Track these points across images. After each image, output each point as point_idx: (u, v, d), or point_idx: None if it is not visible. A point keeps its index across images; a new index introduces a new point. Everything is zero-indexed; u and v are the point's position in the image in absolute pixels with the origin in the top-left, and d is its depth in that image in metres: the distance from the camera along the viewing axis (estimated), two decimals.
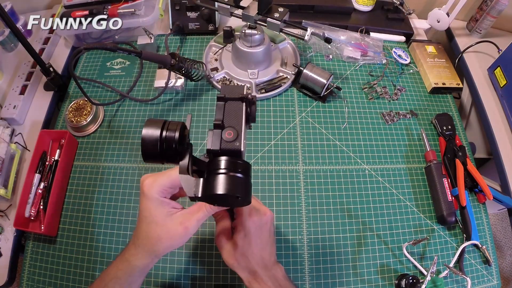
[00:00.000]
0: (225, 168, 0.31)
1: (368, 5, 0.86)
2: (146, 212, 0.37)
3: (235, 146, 0.31)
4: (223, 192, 0.30)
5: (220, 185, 0.30)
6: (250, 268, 0.40)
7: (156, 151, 0.32)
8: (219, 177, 0.30)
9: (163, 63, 0.63)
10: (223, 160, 0.31)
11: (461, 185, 0.62)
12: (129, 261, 0.38)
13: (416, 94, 0.77)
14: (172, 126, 0.32)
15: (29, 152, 0.69)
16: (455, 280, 0.58)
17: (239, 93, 0.34)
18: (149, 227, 0.37)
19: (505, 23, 0.87)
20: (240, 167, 0.31)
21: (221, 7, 0.67)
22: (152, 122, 0.32)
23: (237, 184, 0.31)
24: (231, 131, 0.32)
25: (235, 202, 0.32)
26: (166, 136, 0.32)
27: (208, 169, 0.32)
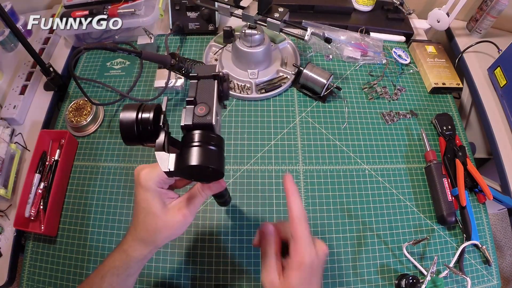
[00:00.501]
0: (198, 141, 0.31)
1: (368, 5, 0.86)
2: (144, 203, 0.37)
3: (206, 120, 0.32)
4: (195, 163, 0.30)
5: (193, 157, 0.31)
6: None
7: (133, 133, 0.33)
8: (192, 150, 0.31)
9: (163, 63, 0.63)
10: (196, 134, 0.32)
11: (461, 185, 0.62)
12: (127, 252, 0.38)
13: (416, 94, 0.77)
14: (147, 108, 0.34)
15: (29, 152, 0.69)
16: (455, 280, 0.58)
17: (211, 71, 0.35)
18: (147, 218, 0.37)
19: (505, 23, 0.87)
20: (212, 140, 0.32)
21: (221, 7, 0.67)
22: (129, 106, 0.34)
23: (210, 155, 0.31)
24: (203, 106, 0.33)
25: (208, 174, 0.33)
26: (141, 118, 0.33)
27: (182, 144, 0.33)
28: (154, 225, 0.36)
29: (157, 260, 0.58)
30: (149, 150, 0.68)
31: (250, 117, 0.71)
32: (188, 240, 0.59)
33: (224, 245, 0.59)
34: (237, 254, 0.58)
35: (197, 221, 0.61)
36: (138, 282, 0.56)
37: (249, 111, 0.72)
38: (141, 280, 0.56)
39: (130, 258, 0.38)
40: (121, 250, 0.38)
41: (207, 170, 0.32)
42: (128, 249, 0.38)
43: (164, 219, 0.36)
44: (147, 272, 0.57)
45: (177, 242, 0.59)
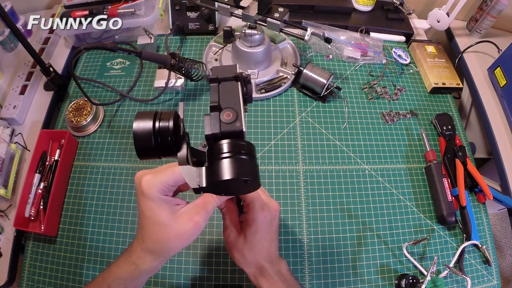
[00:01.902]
0: (229, 151, 0.28)
1: (368, 5, 0.86)
2: (149, 213, 0.34)
3: (236, 127, 0.29)
4: (230, 177, 0.27)
5: (226, 170, 0.27)
6: (257, 264, 0.39)
7: (150, 145, 0.29)
8: (223, 162, 0.28)
9: (163, 63, 0.63)
10: (225, 144, 0.28)
11: (461, 185, 0.62)
12: (136, 264, 0.35)
13: (416, 94, 0.77)
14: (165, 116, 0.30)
15: (29, 152, 0.69)
16: (455, 280, 0.58)
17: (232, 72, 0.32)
18: (154, 228, 0.34)
19: (505, 23, 0.87)
20: (244, 149, 0.29)
21: (221, 7, 0.67)
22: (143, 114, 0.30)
23: (244, 166, 0.28)
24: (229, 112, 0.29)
25: (243, 187, 0.30)
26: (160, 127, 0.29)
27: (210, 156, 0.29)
28: (163, 235, 0.34)
29: None
30: None
31: (250, 117, 0.71)
32: None
33: (224, 245, 0.59)
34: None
35: None
36: None
37: (249, 111, 0.72)
38: None
39: (139, 270, 0.35)
40: (130, 261, 0.36)
41: (243, 183, 0.28)
42: (137, 261, 0.35)
43: (173, 228, 0.33)
44: None
45: None
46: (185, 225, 0.34)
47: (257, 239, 0.39)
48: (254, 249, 0.39)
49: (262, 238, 0.39)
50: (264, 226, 0.39)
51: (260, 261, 0.39)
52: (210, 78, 0.32)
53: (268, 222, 0.39)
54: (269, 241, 0.40)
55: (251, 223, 0.38)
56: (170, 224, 0.33)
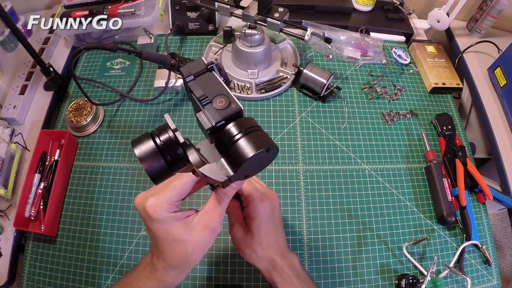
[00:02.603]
0: (239, 132, 0.28)
1: (368, 5, 0.86)
2: (163, 234, 0.33)
3: (234, 109, 0.29)
4: (254, 152, 0.27)
5: (247, 148, 0.27)
6: (268, 257, 0.39)
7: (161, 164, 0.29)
8: (239, 143, 0.28)
9: (163, 63, 0.63)
10: (232, 127, 0.29)
11: (461, 185, 0.62)
12: (163, 280, 0.34)
13: (416, 94, 0.77)
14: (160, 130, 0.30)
15: (29, 152, 0.69)
16: (455, 280, 0.58)
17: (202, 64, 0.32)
18: (173, 246, 0.33)
19: (505, 23, 0.87)
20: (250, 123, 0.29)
21: (221, 7, 0.67)
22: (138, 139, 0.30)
23: (259, 138, 0.28)
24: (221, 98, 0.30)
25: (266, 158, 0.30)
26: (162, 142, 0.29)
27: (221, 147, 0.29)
28: (184, 250, 0.33)
29: None
30: None
31: None
32: None
33: (224, 245, 0.59)
34: (237, 254, 0.58)
35: None
36: None
37: (249, 111, 0.72)
38: None
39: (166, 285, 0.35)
40: (153, 278, 0.35)
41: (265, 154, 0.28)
42: (163, 277, 0.34)
43: (192, 241, 0.33)
44: None
45: None
46: (202, 234, 0.33)
47: (263, 232, 0.38)
48: (263, 242, 0.38)
49: (268, 229, 0.39)
50: (266, 217, 0.38)
51: (271, 254, 0.39)
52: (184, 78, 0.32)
53: (270, 212, 0.39)
54: (274, 232, 0.40)
55: (254, 216, 0.38)
56: (187, 239, 0.33)
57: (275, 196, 0.40)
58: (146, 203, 0.32)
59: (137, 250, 0.59)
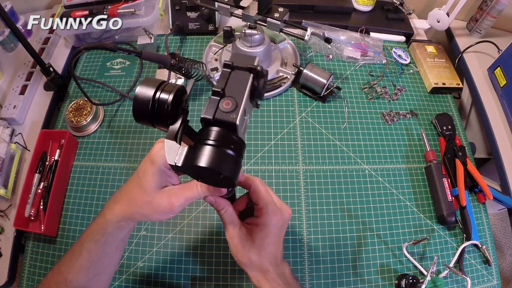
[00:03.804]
0: (215, 139, 0.27)
1: (368, 5, 0.86)
2: (141, 173, 0.35)
3: (230, 118, 0.28)
4: (205, 165, 0.26)
5: (204, 157, 0.27)
6: (261, 267, 0.39)
7: (147, 111, 0.30)
8: (205, 148, 0.27)
9: (163, 63, 0.63)
10: (214, 131, 0.28)
11: (461, 185, 0.62)
12: (105, 215, 0.37)
13: (416, 94, 0.77)
14: (168, 87, 0.30)
15: (29, 152, 0.69)
16: (455, 280, 0.58)
17: (248, 63, 0.31)
18: (135, 188, 0.35)
19: (505, 23, 0.87)
20: (232, 143, 0.28)
21: (221, 7, 0.67)
22: (149, 81, 0.30)
23: (225, 160, 0.27)
24: (229, 101, 0.28)
25: (218, 180, 0.29)
26: (159, 97, 0.30)
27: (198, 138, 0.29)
28: (138, 198, 0.35)
29: (157, 260, 0.58)
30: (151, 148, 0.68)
31: (250, 117, 0.71)
32: (188, 240, 0.59)
33: (224, 245, 0.59)
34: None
35: (197, 221, 0.61)
36: (138, 282, 0.56)
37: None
38: (141, 280, 0.56)
39: (107, 221, 0.37)
40: (102, 212, 0.38)
41: (218, 176, 0.28)
42: (106, 211, 0.37)
43: (149, 198, 0.34)
44: (147, 272, 0.57)
45: (177, 242, 0.59)
46: (161, 201, 0.34)
47: (265, 244, 0.38)
48: (262, 253, 0.38)
49: (271, 242, 0.39)
50: (275, 230, 0.38)
51: (265, 265, 0.39)
52: (224, 62, 0.31)
53: (280, 227, 0.39)
54: (276, 245, 0.40)
55: (263, 228, 0.38)
56: (149, 193, 0.34)
57: (290, 212, 0.40)
58: (158, 143, 0.34)
59: (137, 250, 0.59)
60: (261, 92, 0.32)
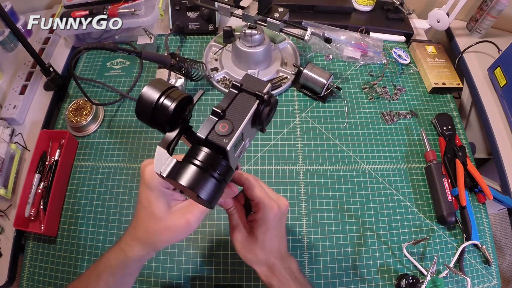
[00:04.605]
0: (202, 161, 0.27)
1: (368, 5, 0.86)
2: (146, 202, 0.34)
3: (222, 143, 0.27)
4: (185, 184, 0.27)
5: (186, 176, 0.27)
6: (268, 262, 0.39)
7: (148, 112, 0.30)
8: (190, 167, 0.27)
9: (163, 63, 0.63)
10: (203, 152, 0.28)
11: (461, 185, 0.61)
12: (125, 251, 0.36)
13: (416, 94, 0.77)
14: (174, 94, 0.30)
15: (29, 152, 0.69)
16: (455, 280, 0.58)
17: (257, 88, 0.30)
18: (147, 218, 0.34)
19: (505, 23, 0.87)
20: (218, 168, 0.28)
21: (221, 7, 0.67)
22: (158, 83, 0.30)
23: (206, 184, 0.27)
24: (226, 124, 0.28)
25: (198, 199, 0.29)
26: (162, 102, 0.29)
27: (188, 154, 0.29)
28: (154, 227, 0.34)
29: (157, 260, 0.58)
30: (150, 150, 0.68)
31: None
32: (188, 240, 0.59)
33: (224, 245, 0.59)
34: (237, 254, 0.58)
35: None
36: (138, 282, 0.56)
37: None
38: (141, 280, 0.56)
39: (127, 258, 0.36)
40: (119, 248, 0.37)
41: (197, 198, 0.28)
42: (126, 248, 0.36)
43: (165, 222, 0.34)
44: (147, 272, 0.57)
45: (177, 243, 0.59)
46: (177, 221, 0.34)
47: (268, 238, 0.38)
48: (266, 247, 0.39)
49: (273, 236, 0.39)
50: (274, 224, 0.38)
51: (271, 259, 0.39)
52: (233, 83, 0.31)
53: (278, 220, 0.39)
54: (279, 238, 0.40)
55: (262, 222, 0.38)
56: (163, 218, 0.34)
57: (286, 203, 0.40)
58: (147, 167, 0.33)
59: None
60: (263, 121, 0.31)
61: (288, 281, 0.39)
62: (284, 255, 0.41)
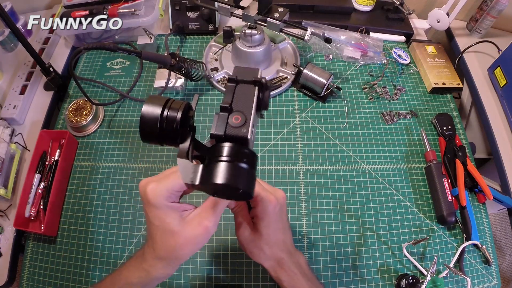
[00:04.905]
0: (228, 155, 0.28)
1: (368, 5, 0.86)
2: (157, 222, 0.33)
3: (241, 133, 0.28)
4: (223, 181, 0.27)
5: (221, 174, 0.27)
6: (276, 256, 0.39)
7: (155, 130, 0.29)
8: (220, 165, 0.27)
9: (163, 63, 0.63)
10: (226, 147, 0.28)
11: (461, 185, 0.62)
12: (149, 271, 0.35)
13: (416, 94, 0.77)
14: (176, 105, 0.30)
15: (29, 152, 0.69)
16: (455, 280, 0.58)
17: (252, 76, 0.31)
18: (164, 237, 0.33)
19: (505, 23, 0.87)
20: (245, 157, 0.28)
21: (221, 7, 0.67)
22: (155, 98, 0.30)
23: (240, 175, 0.27)
24: (238, 116, 0.29)
25: (235, 195, 0.29)
26: (167, 115, 0.29)
27: (210, 155, 0.29)
28: (174, 243, 0.33)
29: None
30: (150, 150, 0.68)
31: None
32: None
33: (224, 245, 0.59)
34: (237, 254, 0.58)
35: None
36: None
37: None
38: None
39: (151, 277, 0.35)
40: (141, 268, 0.35)
41: (235, 192, 0.28)
42: (150, 268, 0.35)
43: (184, 235, 0.33)
44: None
45: None
46: (195, 230, 0.33)
47: (271, 231, 0.38)
48: (271, 241, 0.39)
49: (276, 229, 0.39)
50: (275, 216, 0.38)
51: (278, 253, 0.39)
52: (229, 77, 0.31)
53: (278, 211, 0.39)
54: (282, 231, 0.40)
55: (263, 216, 0.38)
56: (179, 231, 0.33)
57: (283, 194, 0.40)
58: (147, 187, 0.32)
59: (137, 250, 0.58)
60: (266, 103, 0.32)
61: (297, 275, 0.39)
62: (291, 249, 0.41)
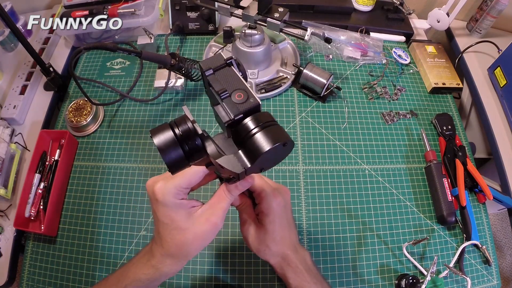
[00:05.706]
0: (256, 126, 0.29)
1: (368, 5, 0.86)
2: (166, 219, 0.34)
3: (252, 103, 0.30)
4: (270, 146, 0.28)
5: (264, 142, 0.28)
6: (281, 253, 0.39)
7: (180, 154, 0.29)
8: (256, 137, 0.28)
9: (163, 63, 0.63)
10: (249, 121, 0.29)
11: (461, 185, 0.62)
12: (158, 268, 0.35)
13: (416, 94, 0.77)
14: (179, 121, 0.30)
15: (29, 152, 0.69)
16: (455, 280, 0.58)
17: (221, 59, 0.33)
18: (173, 234, 0.34)
19: (505, 23, 0.87)
20: (267, 118, 0.30)
21: (221, 7, 0.67)
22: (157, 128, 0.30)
23: (276, 132, 0.29)
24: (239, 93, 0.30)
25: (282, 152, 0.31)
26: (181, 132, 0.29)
27: (239, 140, 0.30)
28: (183, 239, 0.34)
29: None
30: (150, 150, 0.68)
31: None
32: None
33: (224, 245, 0.59)
34: (237, 254, 0.58)
35: None
36: None
37: None
38: None
39: (161, 274, 0.36)
40: (149, 265, 0.36)
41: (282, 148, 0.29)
42: (158, 265, 0.35)
43: (192, 231, 0.34)
44: None
45: None
46: (204, 226, 0.34)
47: (277, 227, 0.38)
48: (277, 238, 0.39)
49: (281, 225, 0.39)
50: (280, 212, 0.38)
51: (284, 250, 0.39)
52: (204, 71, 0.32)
53: (283, 207, 0.39)
54: (288, 227, 0.40)
55: (267, 212, 0.38)
56: (188, 228, 0.34)
57: (287, 190, 0.40)
58: (155, 185, 0.33)
59: (137, 250, 0.59)
60: (245, 76, 0.34)
61: (303, 272, 0.40)
62: (297, 246, 0.41)
